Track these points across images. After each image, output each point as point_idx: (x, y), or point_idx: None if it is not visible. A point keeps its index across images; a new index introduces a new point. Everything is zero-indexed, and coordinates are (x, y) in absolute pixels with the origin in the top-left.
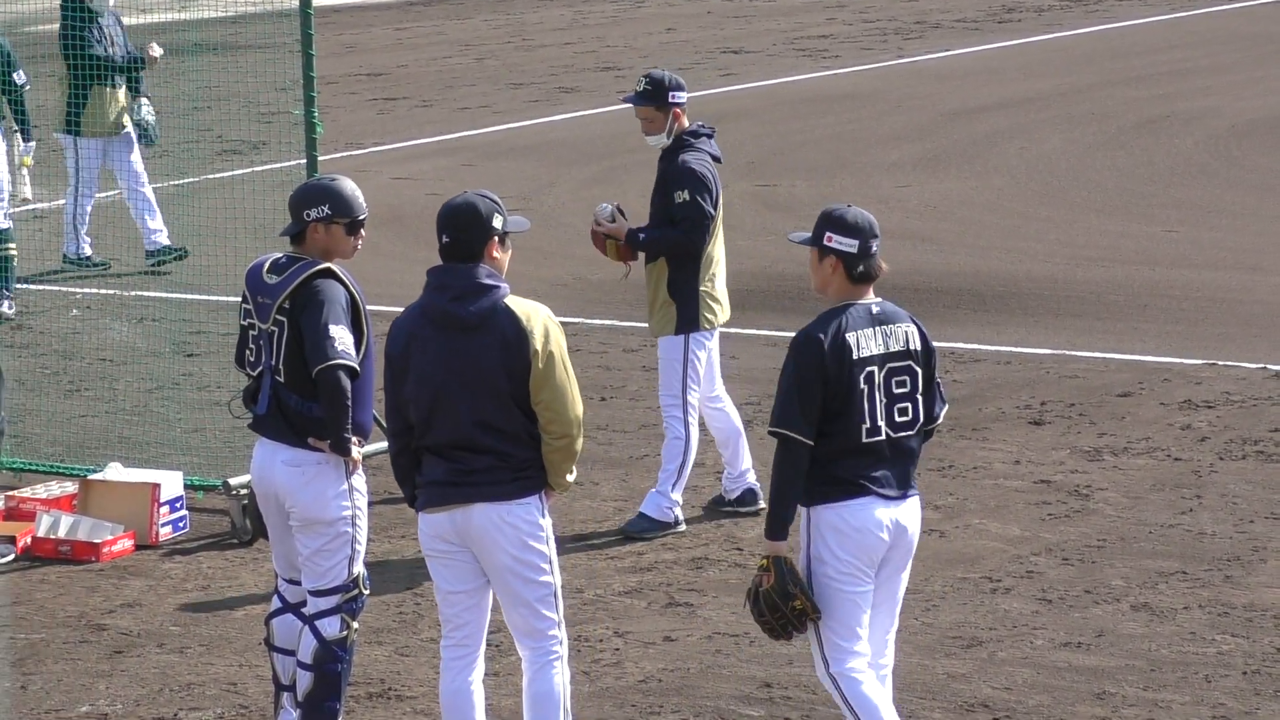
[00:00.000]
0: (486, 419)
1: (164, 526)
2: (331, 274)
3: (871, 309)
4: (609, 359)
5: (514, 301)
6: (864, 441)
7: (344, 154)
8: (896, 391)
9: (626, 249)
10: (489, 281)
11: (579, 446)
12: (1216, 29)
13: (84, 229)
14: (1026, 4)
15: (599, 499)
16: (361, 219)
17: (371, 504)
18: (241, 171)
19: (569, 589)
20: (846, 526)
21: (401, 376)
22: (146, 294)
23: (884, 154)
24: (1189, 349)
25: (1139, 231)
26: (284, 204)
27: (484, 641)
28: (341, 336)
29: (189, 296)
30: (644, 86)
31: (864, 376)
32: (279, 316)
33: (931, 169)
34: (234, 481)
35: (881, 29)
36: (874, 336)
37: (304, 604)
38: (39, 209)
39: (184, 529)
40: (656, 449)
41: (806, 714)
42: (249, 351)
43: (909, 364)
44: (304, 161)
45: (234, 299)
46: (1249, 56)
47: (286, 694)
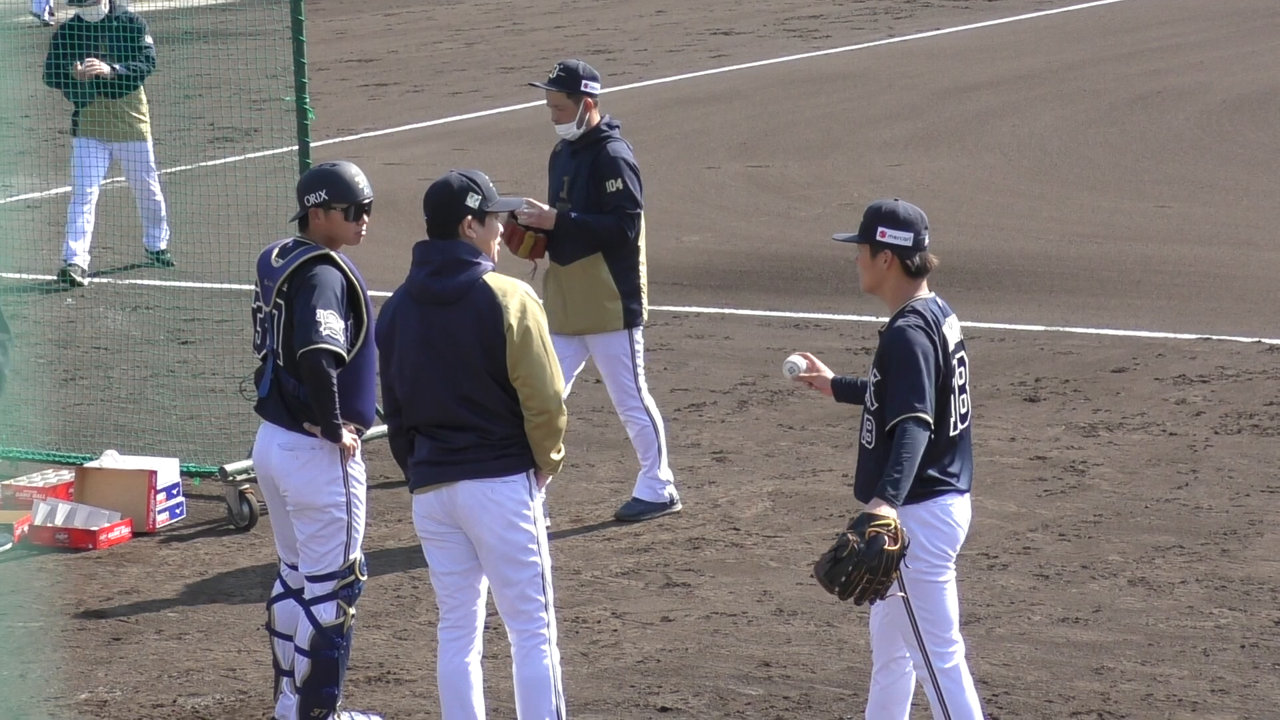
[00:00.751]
0: (466, 394)
1: (161, 513)
2: (329, 259)
3: (938, 301)
4: None
5: (493, 278)
6: (950, 436)
7: (336, 140)
8: (962, 382)
9: (540, 244)
10: (468, 257)
11: (561, 424)
12: (1207, 4)
13: (72, 237)
14: None
15: (595, 480)
16: (364, 203)
17: (368, 489)
18: (234, 159)
19: (566, 570)
20: (936, 520)
21: (388, 355)
22: (141, 282)
23: (876, 133)
24: (1183, 324)
25: (1131, 208)
26: (276, 190)
27: (481, 623)
28: (328, 321)
29: (184, 284)
30: (558, 73)
31: (954, 369)
32: (278, 300)
33: (923, 148)
34: (230, 468)
35: (871, 8)
36: (952, 328)
37: (304, 590)
38: (31, 199)
39: (181, 516)
40: None
41: (805, 693)
42: (257, 334)
43: (962, 355)
44: (296, 148)
45: (228, 286)
46: (1239, 31)
47: (286, 679)
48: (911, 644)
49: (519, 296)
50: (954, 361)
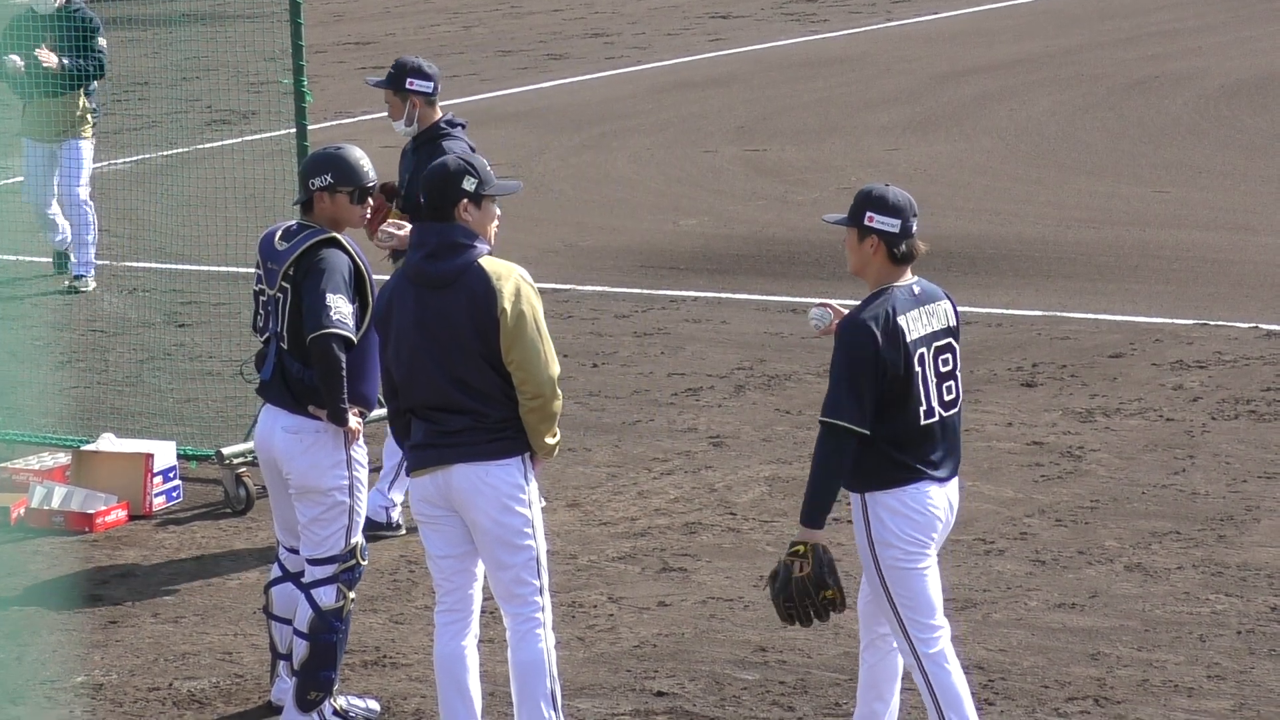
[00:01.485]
0: (460, 377)
1: (157, 497)
2: (336, 243)
3: (914, 289)
4: (600, 325)
5: (488, 261)
6: (921, 425)
7: (333, 123)
8: (943, 370)
9: (395, 243)
10: (464, 241)
11: (555, 408)
12: None
13: (51, 232)
14: None
15: (591, 465)
16: (369, 187)
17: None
18: (231, 141)
19: (562, 555)
20: (906, 509)
21: (386, 337)
22: (138, 265)
23: (873, 117)
24: (1180, 309)
25: (1129, 193)
26: (274, 173)
27: (477, 607)
28: (338, 306)
29: (181, 267)
30: (389, 71)
31: (918, 359)
32: (284, 283)
33: (921, 132)
34: (227, 451)
35: None
36: (920, 317)
37: (303, 573)
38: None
39: (177, 499)
40: (649, 415)
41: (801, 678)
42: (259, 317)
43: (950, 341)
44: (294, 131)
45: (225, 269)
46: (1237, 16)
47: (283, 662)
48: (895, 630)
49: (514, 280)
50: (916, 352)
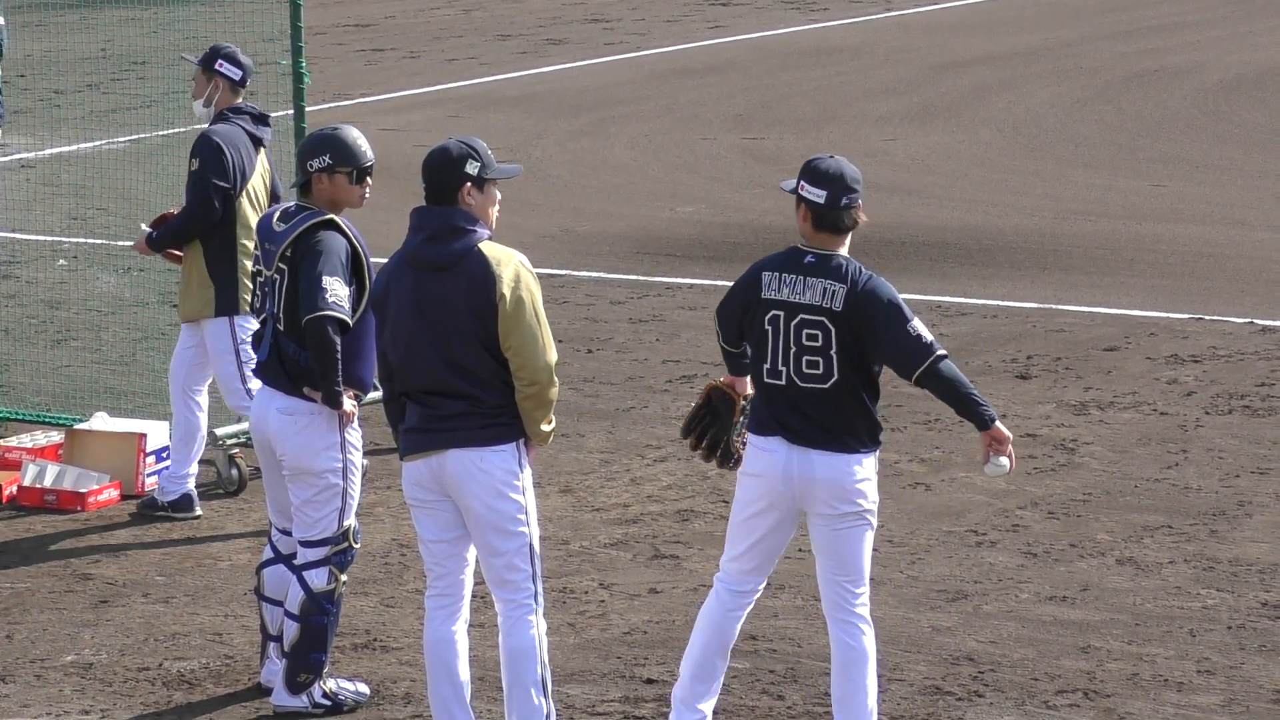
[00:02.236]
0: (457, 361)
1: (150, 476)
2: (333, 225)
3: (806, 258)
4: (596, 311)
5: (488, 246)
6: (765, 380)
7: (331, 105)
8: (806, 343)
9: (168, 253)
10: (465, 225)
11: (552, 395)
12: None
13: None
14: None
15: (585, 451)
16: (367, 167)
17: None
18: None
19: (554, 541)
20: (753, 459)
21: (382, 320)
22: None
23: (872, 107)
24: (1176, 303)
25: (1126, 186)
26: (272, 155)
27: (468, 592)
28: (334, 288)
29: None
30: (207, 50)
31: (769, 318)
32: (281, 264)
33: (919, 122)
34: (220, 432)
35: None
36: (790, 283)
37: (295, 555)
38: (25, 159)
39: None
40: (644, 401)
41: (791, 666)
42: (255, 298)
43: (821, 320)
44: (291, 112)
45: None
46: (1236, 11)
47: (273, 644)
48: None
49: (513, 265)
50: (769, 312)
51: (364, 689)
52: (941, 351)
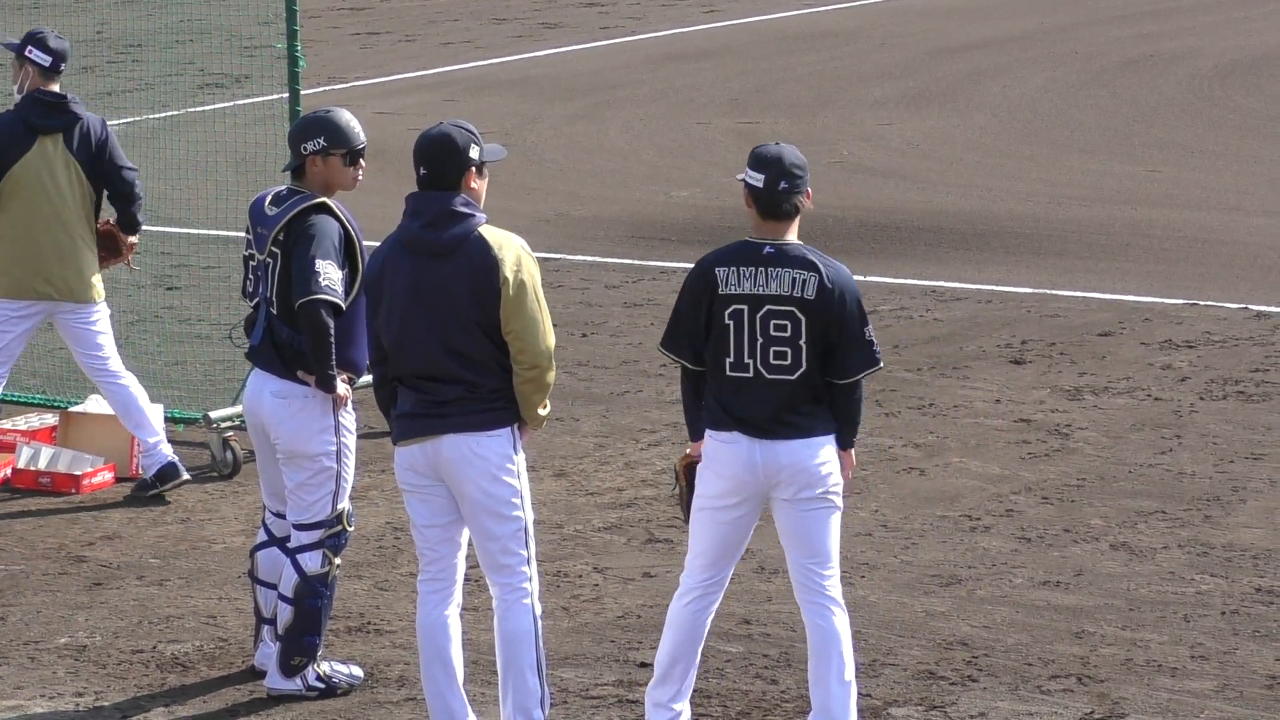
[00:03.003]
0: (455, 347)
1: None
2: (326, 209)
3: (764, 249)
4: (590, 295)
5: (488, 230)
6: (728, 375)
7: (326, 88)
8: (774, 334)
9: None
10: (464, 209)
11: (550, 379)
12: None
13: None
14: None
15: (579, 435)
16: (360, 149)
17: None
18: (224, 105)
19: (549, 525)
20: (713, 456)
21: (377, 304)
22: None
23: (867, 92)
24: (1170, 289)
25: (1121, 171)
26: (266, 138)
27: (461, 576)
28: (327, 272)
29: (171, 230)
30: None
31: (730, 313)
32: (273, 248)
33: (914, 107)
34: (215, 414)
35: None
36: (751, 276)
37: (289, 538)
38: None
39: None
40: (638, 385)
41: (785, 650)
42: (248, 282)
43: (791, 310)
44: (286, 95)
45: (216, 232)
46: None
47: (267, 627)
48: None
49: (515, 249)
50: (730, 307)
51: (358, 672)
52: (881, 364)
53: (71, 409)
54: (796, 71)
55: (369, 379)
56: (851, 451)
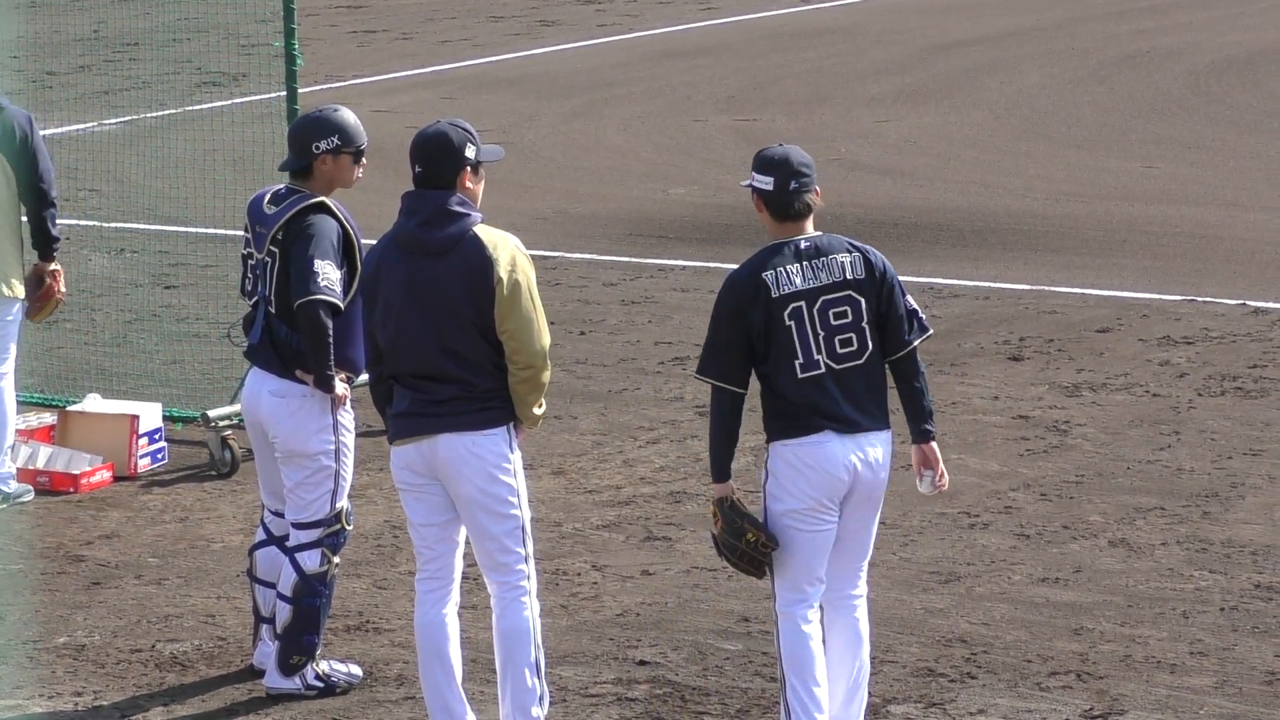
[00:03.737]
0: (450, 346)
1: (142, 458)
2: (325, 208)
3: (800, 244)
4: (588, 293)
5: (483, 230)
6: (800, 378)
7: (323, 86)
8: (836, 323)
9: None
10: (459, 209)
11: (545, 379)
12: None
13: None
14: None
15: (577, 433)
16: (364, 148)
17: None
18: (221, 103)
19: (547, 523)
20: (800, 463)
21: (372, 303)
22: (126, 225)
23: (863, 88)
24: (1168, 285)
25: (1118, 167)
26: (263, 136)
27: (459, 574)
28: (326, 272)
29: (169, 228)
30: None
31: (789, 313)
32: (272, 247)
33: (911, 103)
34: (213, 413)
35: None
36: (799, 272)
37: (288, 537)
38: None
39: (162, 461)
40: (636, 383)
41: None
42: (246, 281)
43: (848, 294)
44: (284, 94)
45: (213, 231)
46: None
47: (266, 626)
48: (769, 574)
49: (509, 249)
50: (790, 306)
51: (357, 671)
52: (931, 329)
53: (70, 408)
54: (793, 68)
55: (367, 378)
56: (934, 444)
